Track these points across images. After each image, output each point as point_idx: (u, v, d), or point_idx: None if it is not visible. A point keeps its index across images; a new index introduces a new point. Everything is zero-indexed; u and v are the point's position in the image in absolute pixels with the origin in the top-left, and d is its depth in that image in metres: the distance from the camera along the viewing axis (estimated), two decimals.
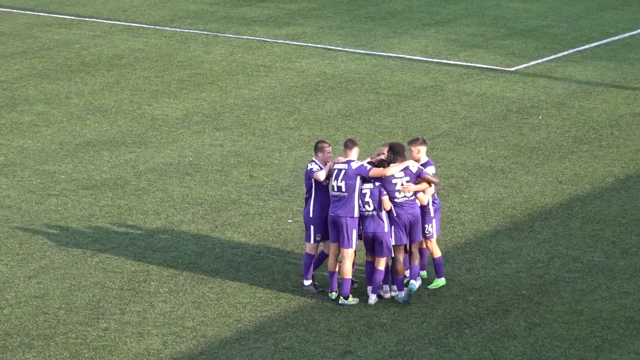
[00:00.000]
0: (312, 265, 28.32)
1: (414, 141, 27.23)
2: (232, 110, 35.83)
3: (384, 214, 26.75)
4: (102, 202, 30.41)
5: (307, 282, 27.81)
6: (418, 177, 26.55)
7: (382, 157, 26.99)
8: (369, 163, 26.80)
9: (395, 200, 26.64)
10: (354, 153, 26.73)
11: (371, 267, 27.19)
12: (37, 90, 37.46)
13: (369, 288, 27.16)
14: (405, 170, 26.45)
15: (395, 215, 26.91)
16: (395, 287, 27.30)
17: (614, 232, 28.89)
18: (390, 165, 26.49)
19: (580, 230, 29.06)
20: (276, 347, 23.90)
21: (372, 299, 26.87)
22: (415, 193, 27.40)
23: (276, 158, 30.57)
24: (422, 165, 27.37)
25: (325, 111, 35.75)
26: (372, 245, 27.64)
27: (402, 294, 27.00)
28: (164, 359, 23.52)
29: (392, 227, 26.93)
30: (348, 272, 26.90)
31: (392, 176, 26.90)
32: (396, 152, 26.78)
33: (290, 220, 29.19)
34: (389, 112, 35.97)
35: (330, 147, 27.71)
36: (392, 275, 27.56)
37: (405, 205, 26.85)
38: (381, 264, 26.89)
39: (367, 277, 27.23)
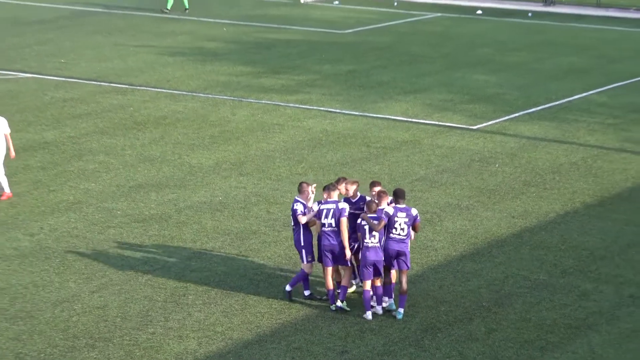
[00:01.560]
0: (307, 280, 28.12)
1: (340, 180, 27.34)
2: (253, 159, 35.93)
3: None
4: (150, 233, 30.45)
5: (307, 292, 27.73)
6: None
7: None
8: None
9: (391, 235, 26.24)
10: (335, 195, 26.66)
11: (367, 292, 26.43)
12: (99, 144, 37.50)
13: (376, 307, 26.69)
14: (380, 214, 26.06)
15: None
16: (386, 298, 26.92)
17: (555, 257, 28.96)
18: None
19: (528, 255, 29.13)
20: (288, 347, 24.01)
21: (369, 315, 26.29)
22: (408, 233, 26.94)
23: (288, 197, 30.49)
24: (357, 199, 27.36)
25: (327, 160, 35.78)
26: (372, 271, 26.59)
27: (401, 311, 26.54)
28: (199, 357, 23.68)
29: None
30: (347, 282, 26.86)
31: (395, 217, 26.40)
32: (397, 196, 26.74)
33: None
34: (377, 161, 36.01)
35: (310, 187, 27.69)
36: (385, 286, 26.93)
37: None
38: (377, 282, 26.44)
39: (367, 301, 26.40)
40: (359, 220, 26.76)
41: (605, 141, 37.84)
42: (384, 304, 26.53)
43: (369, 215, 26.40)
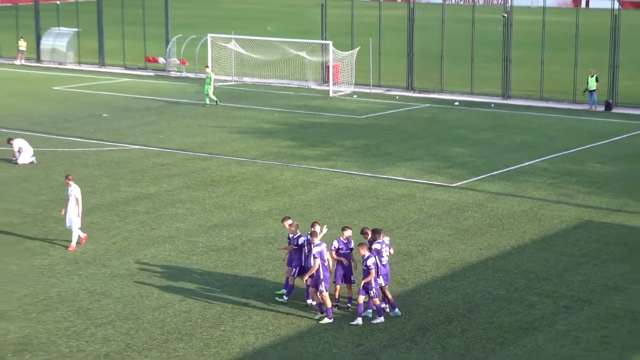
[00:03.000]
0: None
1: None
2: (296, 207, 35.89)
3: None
4: (222, 259, 30.49)
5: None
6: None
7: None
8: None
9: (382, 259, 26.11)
10: (318, 239, 26.14)
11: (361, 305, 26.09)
12: (186, 195, 37.64)
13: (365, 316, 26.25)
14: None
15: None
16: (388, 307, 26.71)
17: (511, 277, 28.94)
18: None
19: (492, 276, 29.08)
20: (319, 341, 24.23)
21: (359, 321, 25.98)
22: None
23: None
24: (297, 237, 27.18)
25: (348, 208, 35.86)
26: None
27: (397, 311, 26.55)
28: (256, 348, 23.87)
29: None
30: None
31: (381, 248, 26.35)
32: (376, 232, 26.79)
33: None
34: (384, 209, 35.99)
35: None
36: (386, 300, 26.64)
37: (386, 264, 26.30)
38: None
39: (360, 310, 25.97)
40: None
41: (546, 195, 37.82)
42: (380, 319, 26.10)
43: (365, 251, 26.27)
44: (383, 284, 26.11)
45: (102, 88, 68.28)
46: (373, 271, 25.41)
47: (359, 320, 25.72)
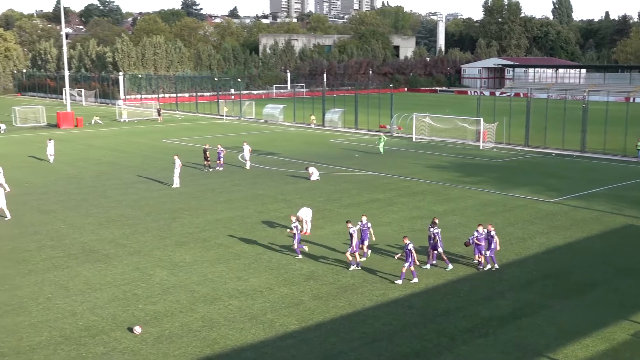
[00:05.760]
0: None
1: None
2: (458, 210, 35.10)
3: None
4: (415, 237, 30.19)
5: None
6: None
7: None
8: None
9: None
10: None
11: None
12: (398, 200, 37.46)
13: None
14: None
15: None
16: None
17: (583, 254, 28.53)
18: None
19: (571, 254, 28.69)
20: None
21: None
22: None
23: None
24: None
25: (487, 211, 34.88)
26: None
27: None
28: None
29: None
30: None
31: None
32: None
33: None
34: (508, 213, 35.28)
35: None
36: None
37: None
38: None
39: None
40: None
41: (605, 208, 36.34)
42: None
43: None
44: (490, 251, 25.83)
45: (355, 140, 69.81)
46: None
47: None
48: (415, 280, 24.30)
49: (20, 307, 22.21)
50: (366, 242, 26.90)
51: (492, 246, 26.08)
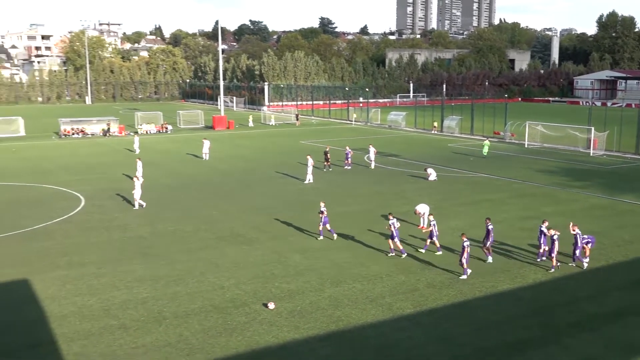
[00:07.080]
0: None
1: None
2: (567, 212, 34.05)
3: None
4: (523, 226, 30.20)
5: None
6: None
7: None
8: None
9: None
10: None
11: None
12: (509, 201, 36.81)
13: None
14: None
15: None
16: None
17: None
18: None
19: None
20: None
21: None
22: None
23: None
24: None
25: (595, 215, 33.83)
26: None
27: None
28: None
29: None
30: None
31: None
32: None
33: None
34: (616, 217, 33.85)
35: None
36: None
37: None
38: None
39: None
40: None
41: None
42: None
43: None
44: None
45: (470, 145, 68.66)
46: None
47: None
48: (464, 277, 23.27)
49: (179, 279, 23.34)
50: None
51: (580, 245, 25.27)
